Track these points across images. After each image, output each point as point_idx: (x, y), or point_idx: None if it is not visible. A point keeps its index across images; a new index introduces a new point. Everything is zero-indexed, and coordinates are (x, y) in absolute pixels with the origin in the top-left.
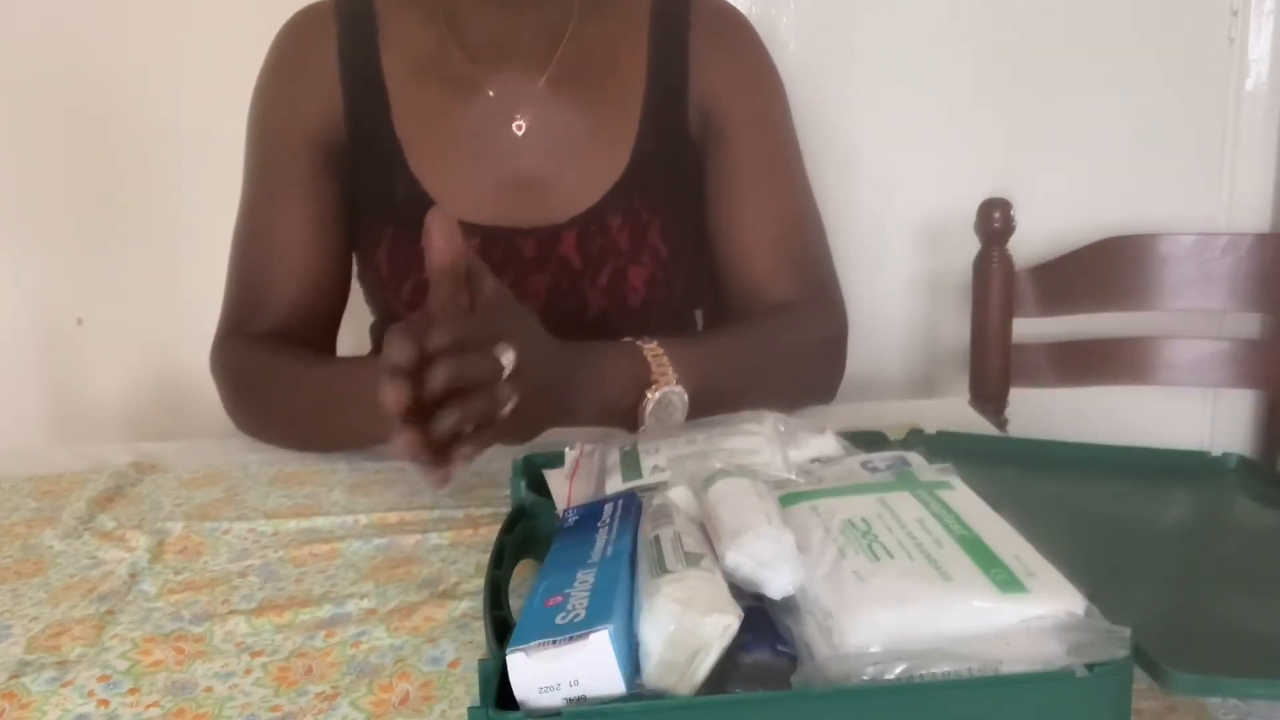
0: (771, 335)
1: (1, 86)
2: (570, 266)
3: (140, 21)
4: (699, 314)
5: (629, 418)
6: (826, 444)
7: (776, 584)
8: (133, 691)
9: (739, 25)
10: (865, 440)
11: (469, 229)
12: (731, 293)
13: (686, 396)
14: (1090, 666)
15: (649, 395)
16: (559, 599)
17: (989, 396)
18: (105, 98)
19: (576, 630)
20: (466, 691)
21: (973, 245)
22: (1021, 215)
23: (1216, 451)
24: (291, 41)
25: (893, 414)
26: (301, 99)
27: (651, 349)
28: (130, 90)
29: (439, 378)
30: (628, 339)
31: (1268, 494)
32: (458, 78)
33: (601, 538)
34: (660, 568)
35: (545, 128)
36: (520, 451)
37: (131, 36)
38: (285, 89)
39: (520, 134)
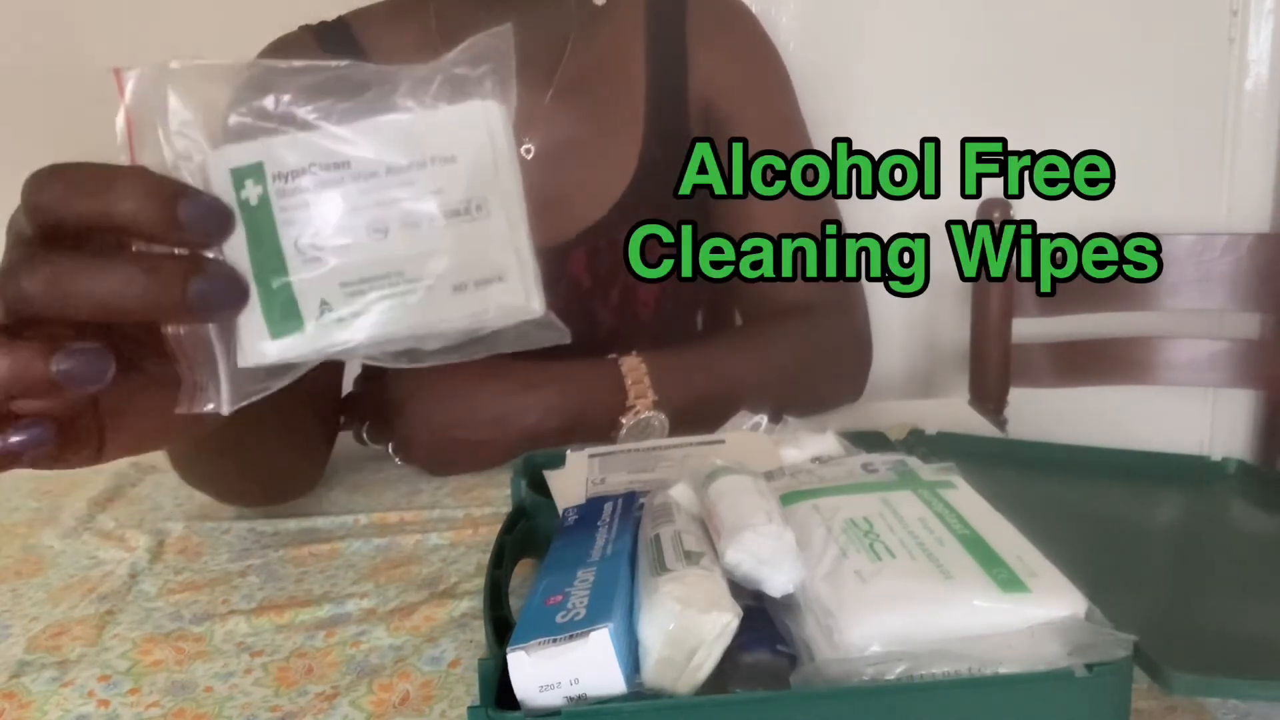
0: (782, 341)
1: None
2: (580, 286)
3: (143, 22)
4: (699, 316)
5: (603, 441)
6: (826, 444)
7: (776, 582)
8: (133, 691)
9: (736, 11)
10: (865, 440)
11: None
12: (742, 292)
13: (665, 418)
14: (1090, 666)
15: (623, 421)
16: (559, 598)
17: (989, 396)
18: (105, 98)
19: (577, 629)
20: (466, 691)
21: None
22: (1022, 215)
23: (1216, 456)
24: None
25: (893, 414)
26: None
27: (632, 366)
28: None
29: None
30: (611, 355)
31: (1266, 499)
32: None
33: (601, 536)
34: (660, 566)
35: (553, 147)
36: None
37: (133, 37)
38: None
39: (529, 157)
